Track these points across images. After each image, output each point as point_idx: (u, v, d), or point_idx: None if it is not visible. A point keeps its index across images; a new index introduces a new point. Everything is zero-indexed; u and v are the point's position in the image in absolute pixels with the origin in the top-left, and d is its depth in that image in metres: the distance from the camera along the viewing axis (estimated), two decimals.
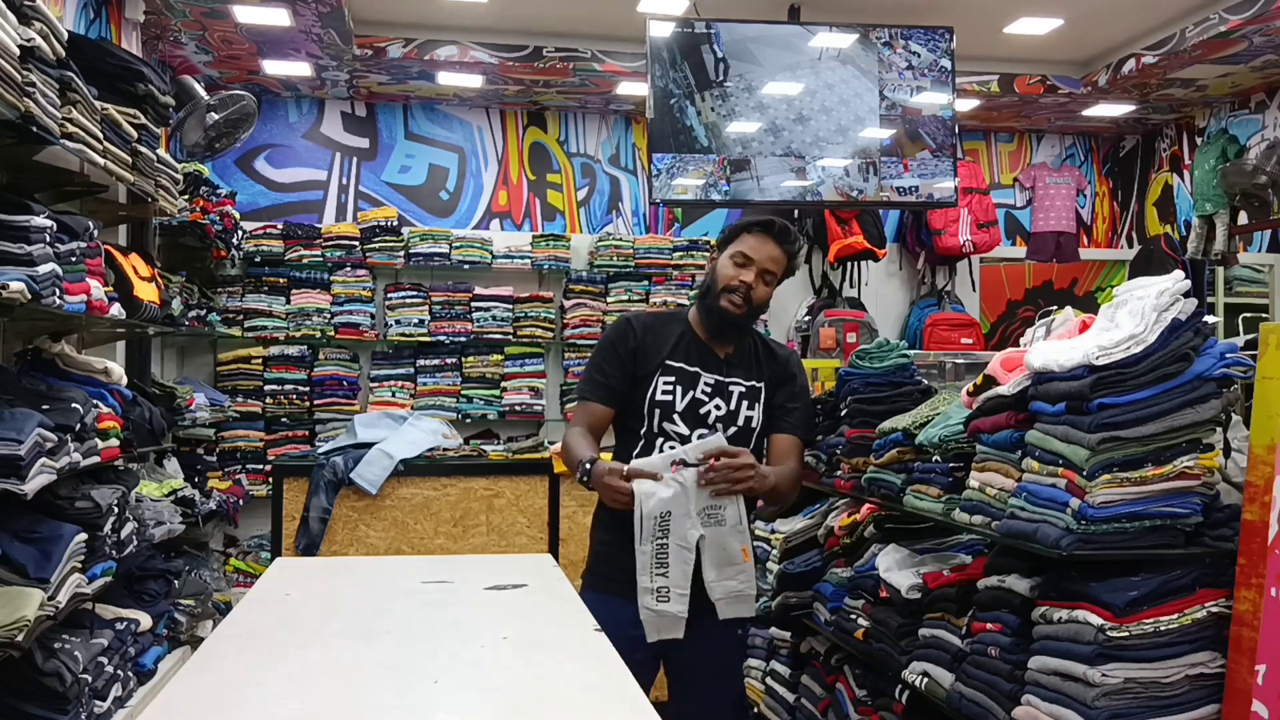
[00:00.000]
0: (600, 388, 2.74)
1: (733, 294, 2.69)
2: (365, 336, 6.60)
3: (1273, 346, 2.00)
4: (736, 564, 2.55)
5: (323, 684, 1.67)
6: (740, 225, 2.77)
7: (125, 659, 3.61)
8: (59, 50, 3.12)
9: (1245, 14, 5.36)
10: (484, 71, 6.35)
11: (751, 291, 2.69)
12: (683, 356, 2.73)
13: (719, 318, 2.72)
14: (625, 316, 2.85)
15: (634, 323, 2.80)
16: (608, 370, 2.74)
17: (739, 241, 2.73)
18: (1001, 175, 7.89)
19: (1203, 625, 2.01)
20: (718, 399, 2.72)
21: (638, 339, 2.75)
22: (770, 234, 2.71)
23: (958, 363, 4.78)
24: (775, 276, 2.74)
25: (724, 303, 2.70)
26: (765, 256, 2.70)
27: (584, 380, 2.81)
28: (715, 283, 2.72)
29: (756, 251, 2.70)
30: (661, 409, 2.69)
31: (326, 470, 4.23)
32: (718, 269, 2.74)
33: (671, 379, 2.71)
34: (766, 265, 2.70)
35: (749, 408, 2.74)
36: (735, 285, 2.69)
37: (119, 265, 4.02)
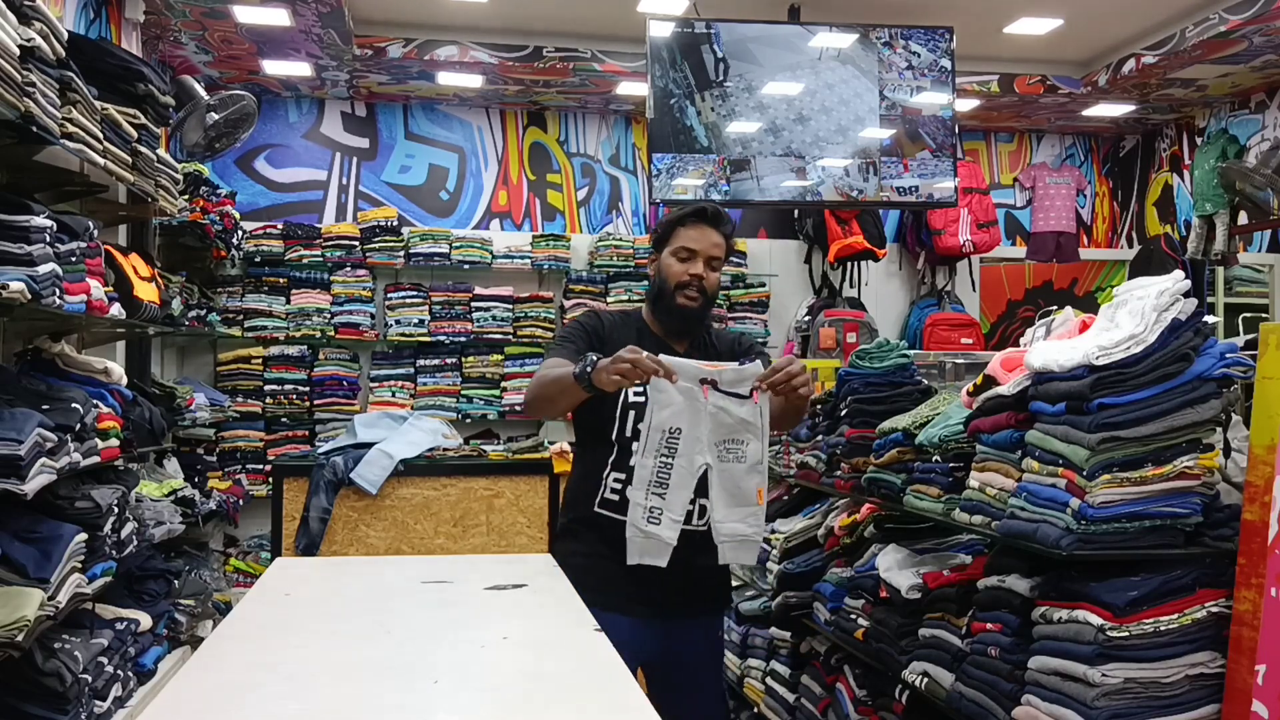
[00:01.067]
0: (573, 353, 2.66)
1: (687, 289, 2.69)
2: (365, 336, 6.60)
3: (1273, 346, 2.00)
4: (749, 505, 2.45)
5: (323, 684, 1.67)
6: (673, 220, 2.75)
7: (125, 659, 3.61)
8: (59, 50, 3.12)
9: (1245, 14, 5.36)
10: (484, 71, 6.35)
11: (704, 282, 2.69)
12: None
13: (680, 316, 2.71)
14: (591, 310, 2.85)
15: (601, 317, 2.79)
16: (581, 345, 2.69)
17: (677, 237, 2.71)
18: (1001, 175, 7.89)
19: (1203, 625, 2.01)
20: None
21: (605, 330, 2.75)
22: (705, 221, 2.70)
23: (958, 363, 4.78)
24: (720, 261, 2.74)
25: (681, 300, 2.69)
26: (707, 245, 2.70)
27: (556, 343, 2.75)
28: (666, 283, 2.71)
29: (698, 242, 2.69)
30: (635, 410, 2.62)
31: (326, 470, 4.22)
32: (664, 268, 2.73)
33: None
34: (710, 253, 2.70)
35: None
36: (687, 280, 2.68)
37: (119, 265, 4.02)
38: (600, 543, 2.63)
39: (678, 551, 2.50)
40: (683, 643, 2.67)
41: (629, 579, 2.51)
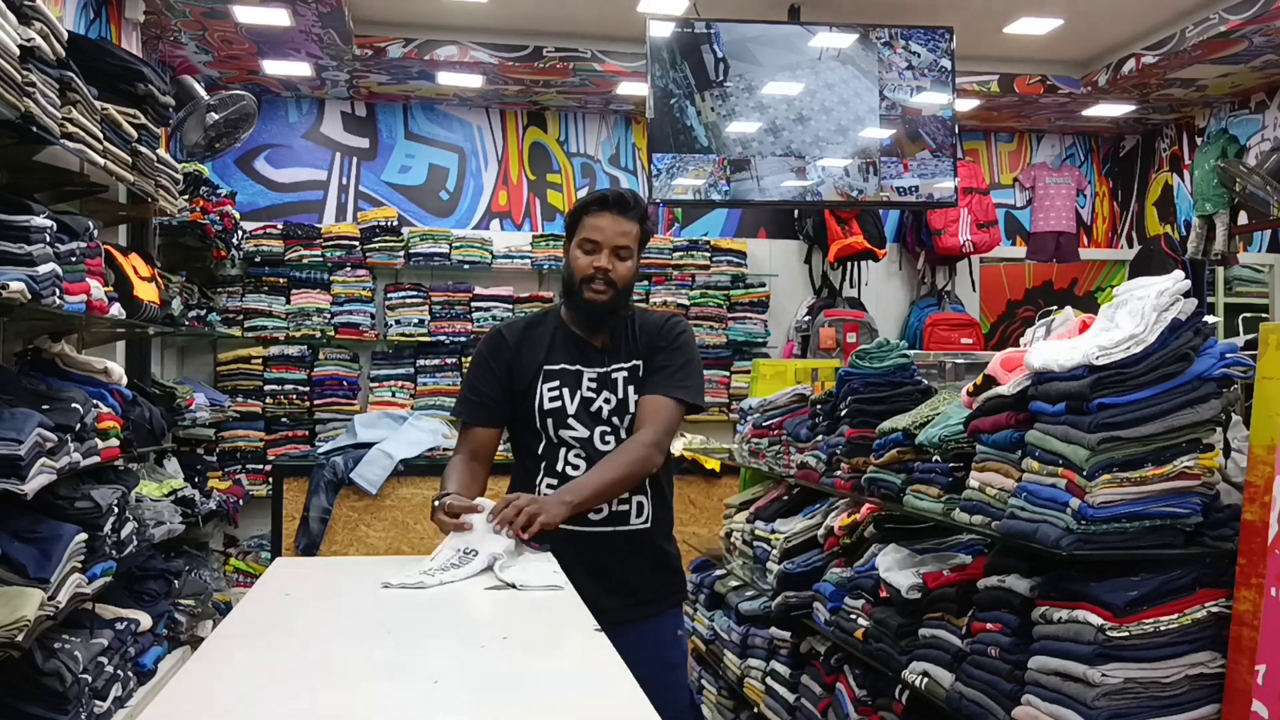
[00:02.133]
0: (477, 408, 2.60)
1: (592, 283, 2.53)
2: (365, 336, 6.60)
3: (1273, 346, 2.00)
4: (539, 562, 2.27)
5: (323, 684, 1.67)
6: (578, 208, 2.59)
7: (125, 659, 3.61)
8: (59, 50, 3.12)
9: (1245, 14, 5.36)
10: (484, 71, 6.35)
11: (611, 274, 2.53)
12: (561, 356, 2.60)
13: (588, 311, 2.57)
14: (496, 327, 2.71)
15: (505, 333, 2.65)
16: (482, 389, 2.59)
17: (582, 227, 2.55)
18: (1001, 175, 7.89)
19: (1203, 625, 2.01)
20: (605, 392, 2.59)
21: (511, 350, 2.61)
22: (608, 209, 2.54)
23: (958, 363, 4.77)
24: (631, 250, 2.56)
25: (588, 295, 2.54)
26: (613, 234, 2.53)
27: (460, 402, 2.66)
28: (573, 276, 2.56)
29: (602, 232, 2.53)
30: (554, 417, 2.56)
31: (326, 470, 4.23)
32: (570, 262, 2.57)
33: (555, 383, 2.58)
34: (617, 242, 2.53)
35: (634, 390, 2.61)
36: (591, 273, 2.53)
37: (119, 265, 4.02)
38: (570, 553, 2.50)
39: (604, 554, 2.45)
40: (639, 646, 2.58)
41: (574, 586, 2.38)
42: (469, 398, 2.64)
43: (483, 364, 2.63)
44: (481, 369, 2.63)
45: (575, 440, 2.57)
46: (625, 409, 2.60)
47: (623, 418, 2.59)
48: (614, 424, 2.58)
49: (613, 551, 2.56)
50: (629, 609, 2.57)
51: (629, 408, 2.60)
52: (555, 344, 2.63)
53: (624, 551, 2.58)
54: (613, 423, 2.58)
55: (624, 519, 2.59)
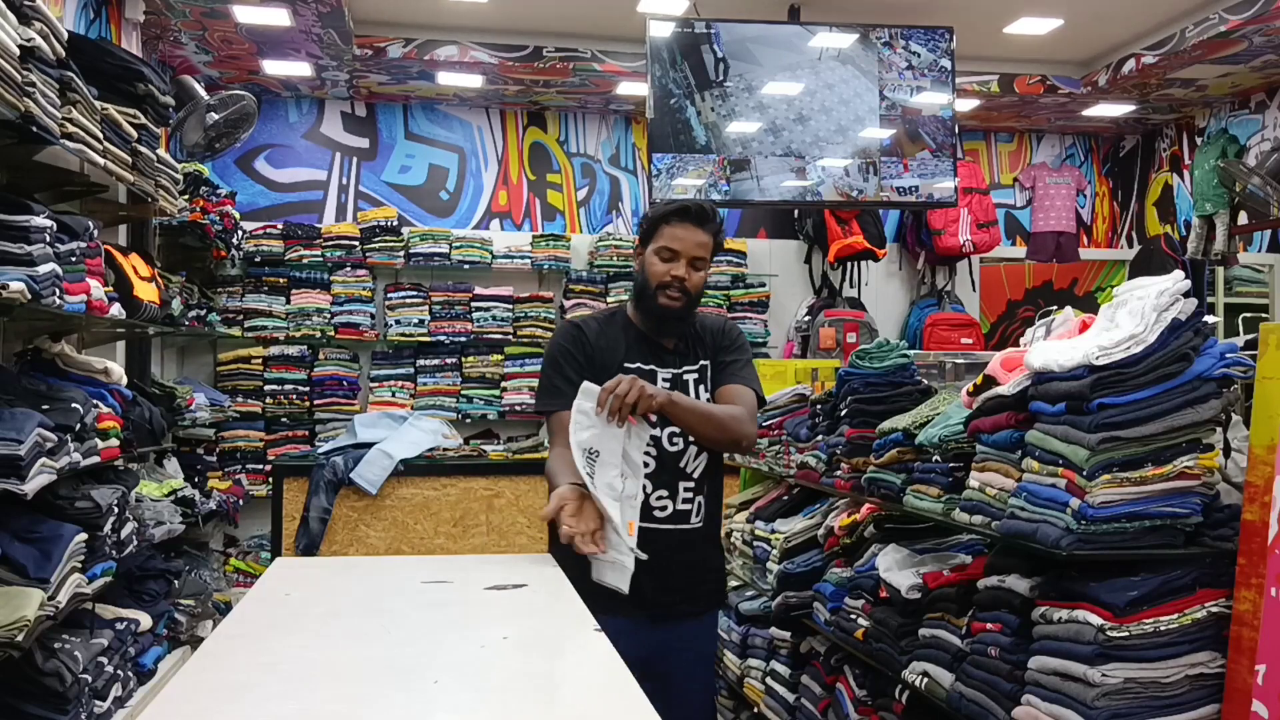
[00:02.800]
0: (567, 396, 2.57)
1: (668, 290, 2.60)
2: (365, 336, 6.60)
3: (1273, 346, 2.00)
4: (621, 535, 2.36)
5: (323, 684, 1.67)
6: (658, 216, 2.65)
7: (125, 659, 3.61)
8: (59, 50, 3.12)
9: (1245, 14, 5.36)
10: (484, 71, 6.35)
11: (686, 283, 2.60)
12: (636, 356, 2.66)
13: (659, 316, 2.64)
14: (573, 321, 2.74)
15: (584, 328, 2.70)
16: (573, 376, 2.60)
17: (660, 235, 2.62)
18: (1001, 175, 7.89)
19: (1203, 625, 2.01)
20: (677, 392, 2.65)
21: (591, 344, 2.66)
22: (690, 220, 2.60)
23: (958, 363, 4.78)
24: (705, 261, 2.64)
25: (663, 300, 2.61)
26: (691, 244, 2.60)
27: (544, 390, 2.66)
28: (648, 282, 2.63)
29: (681, 242, 2.59)
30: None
31: (326, 470, 4.23)
32: (647, 267, 2.63)
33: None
34: (694, 253, 2.60)
35: (704, 390, 2.70)
36: (669, 281, 2.60)
37: (119, 265, 4.02)
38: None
39: (664, 551, 2.49)
40: (675, 642, 2.65)
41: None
42: (558, 387, 2.61)
43: (567, 355, 2.66)
44: (566, 359, 2.65)
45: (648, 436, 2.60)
46: None
47: None
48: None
49: (673, 548, 2.61)
50: (681, 605, 2.66)
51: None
52: (630, 343, 2.68)
53: (682, 549, 2.63)
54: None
55: (685, 518, 2.65)
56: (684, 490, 2.65)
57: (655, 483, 2.61)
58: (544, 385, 2.69)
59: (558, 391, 2.61)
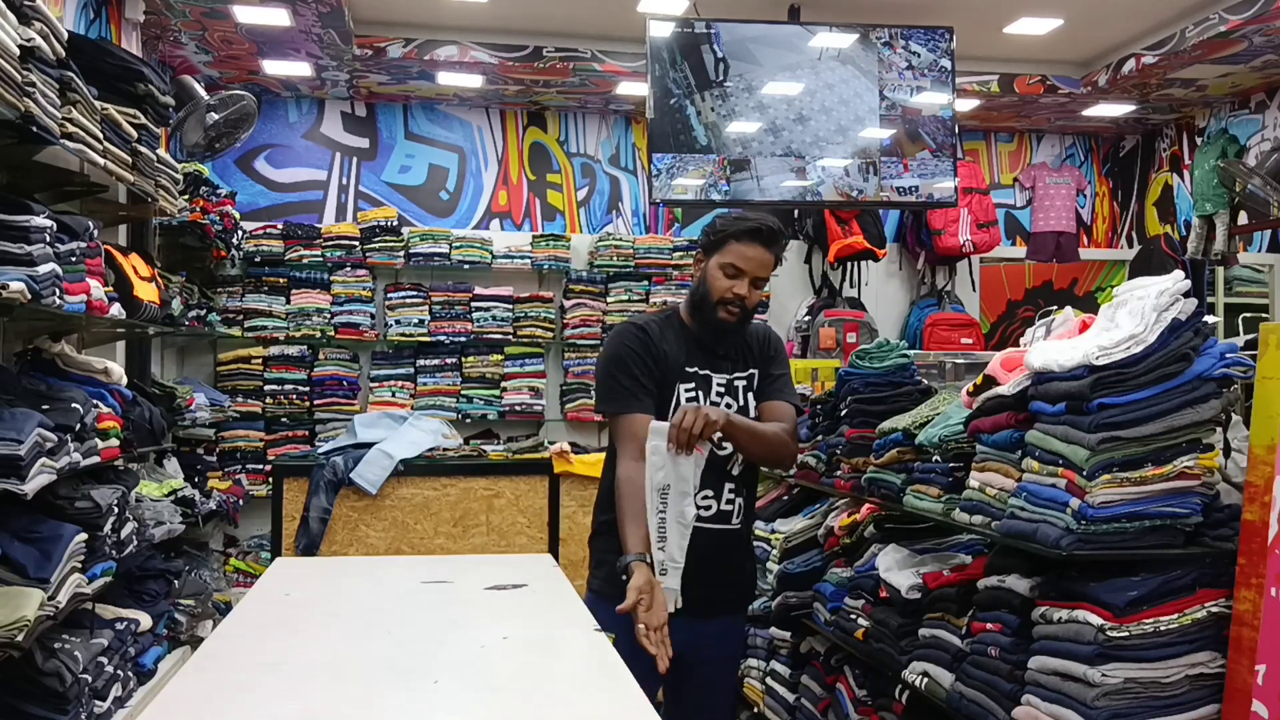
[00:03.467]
0: (637, 397, 2.61)
1: (729, 305, 2.64)
2: (365, 336, 6.60)
3: (1273, 346, 2.00)
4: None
5: (323, 684, 1.67)
6: (728, 233, 2.66)
7: (125, 659, 3.61)
8: (59, 50, 3.12)
9: (1245, 14, 5.36)
10: (484, 71, 6.35)
11: (746, 300, 2.65)
12: (696, 360, 2.69)
13: (716, 329, 2.67)
14: (634, 323, 2.74)
15: (648, 329, 2.70)
16: (641, 377, 2.61)
17: (728, 251, 2.64)
18: (1001, 175, 7.89)
19: (1203, 625, 2.01)
20: (729, 398, 2.70)
21: (656, 345, 2.67)
22: (760, 241, 2.63)
23: (958, 363, 4.78)
24: (765, 280, 2.69)
25: (721, 315, 2.64)
26: (757, 265, 2.63)
27: (612, 392, 2.64)
28: (709, 294, 2.65)
29: (748, 262, 2.62)
30: None
31: (326, 470, 4.23)
32: (709, 279, 2.66)
33: (691, 384, 2.67)
34: (758, 273, 2.64)
35: (753, 400, 2.73)
36: (730, 298, 2.63)
37: (119, 265, 4.02)
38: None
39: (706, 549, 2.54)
40: (706, 641, 2.68)
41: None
42: (625, 388, 2.62)
43: (633, 356, 2.65)
44: (633, 360, 2.64)
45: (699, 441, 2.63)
46: (745, 414, 2.69)
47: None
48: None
49: (715, 547, 2.63)
50: (717, 603, 2.69)
51: (749, 413, 2.70)
52: (690, 347, 2.70)
53: (723, 548, 2.66)
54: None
55: (728, 518, 2.68)
56: (727, 491, 2.67)
57: (701, 483, 2.60)
58: (610, 387, 2.65)
59: (627, 394, 2.61)
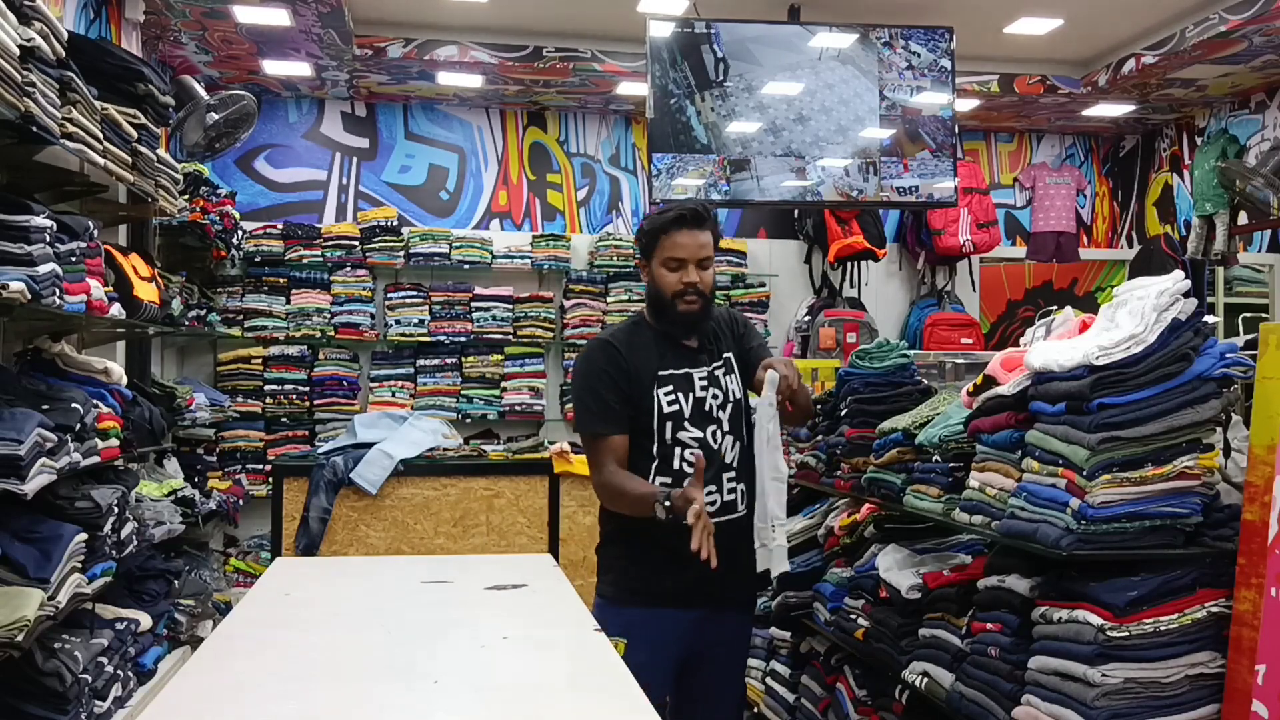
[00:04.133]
0: (611, 419, 2.63)
1: (685, 296, 2.64)
2: (365, 336, 6.60)
3: (1273, 346, 2.00)
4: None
5: (323, 684, 1.67)
6: (656, 228, 2.66)
7: (125, 659, 3.61)
8: (59, 50, 3.12)
9: (1245, 14, 5.36)
10: (484, 71, 6.35)
11: (699, 285, 2.64)
12: (670, 362, 2.69)
13: (684, 323, 2.68)
14: (601, 340, 2.74)
15: (614, 343, 2.70)
16: (610, 398, 2.64)
17: (662, 247, 2.65)
18: (1001, 175, 7.89)
19: (1203, 625, 2.01)
20: (713, 389, 2.70)
21: (625, 358, 2.67)
22: (688, 225, 2.63)
23: (958, 363, 4.79)
24: (711, 259, 2.68)
25: (682, 308, 2.65)
26: (695, 248, 2.63)
27: (587, 415, 2.68)
28: (662, 293, 2.66)
29: (685, 248, 2.63)
30: (672, 420, 2.65)
31: (326, 470, 4.23)
32: (657, 280, 2.66)
33: (669, 387, 2.66)
34: (700, 255, 2.64)
35: (734, 381, 2.75)
36: (682, 289, 2.63)
37: (119, 265, 4.02)
38: (652, 546, 2.62)
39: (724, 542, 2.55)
40: (717, 639, 2.71)
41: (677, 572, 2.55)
42: (600, 409, 2.65)
43: (603, 375, 2.66)
44: (603, 380, 2.66)
45: (691, 441, 2.65)
46: (729, 400, 2.72)
47: (730, 408, 2.71)
48: (719, 416, 2.69)
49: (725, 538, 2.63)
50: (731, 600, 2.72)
51: (731, 399, 2.72)
52: (662, 350, 2.70)
53: (733, 538, 2.66)
54: (718, 417, 2.69)
55: (733, 507, 2.70)
56: (727, 481, 2.69)
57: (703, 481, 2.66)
58: (587, 408, 2.68)
59: (600, 414, 2.64)
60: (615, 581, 2.70)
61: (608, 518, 2.77)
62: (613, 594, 2.69)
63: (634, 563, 2.65)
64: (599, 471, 2.65)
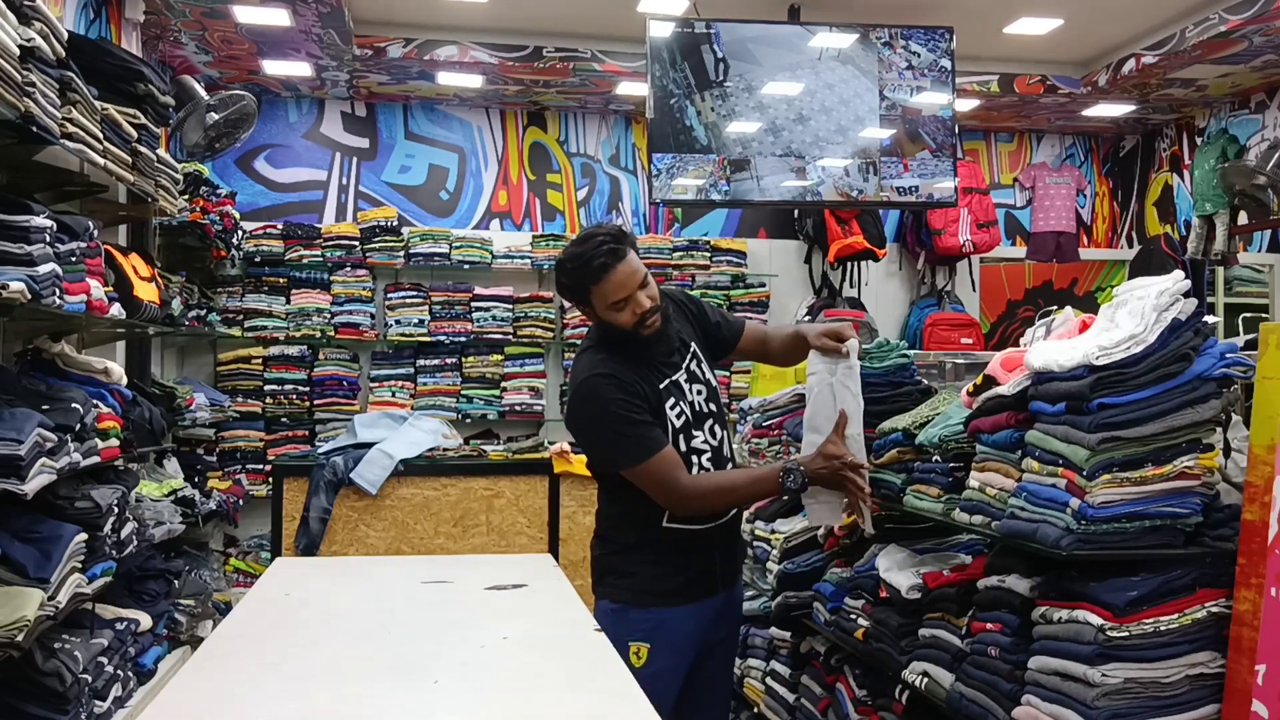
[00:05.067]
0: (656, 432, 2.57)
1: (643, 324, 2.58)
2: (365, 336, 6.60)
3: (1273, 346, 2.00)
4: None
5: (323, 684, 1.67)
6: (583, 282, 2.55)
7: (125, 659, 3.61)
8: (59, 50, 3.12)
9: (1245, 14, 5.36)
10: (484, 71, 6.35)
11: (651, 306, 2.57)
12: (659, 376, 2.66)
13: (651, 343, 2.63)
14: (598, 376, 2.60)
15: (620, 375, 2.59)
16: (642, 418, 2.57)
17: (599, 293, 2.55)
18: (1001, 175, 7.89)
19: (1203, 625, 2.01)
20: (696, 385, 2.73)
21: (633, 384, 2.60)
22: (615, 261, 2.52)
23: (958, 363, 4.78)
24: (647, 273, 2.60)
25: (646, 333, 2.60)
26: (630, 278, 2.54)
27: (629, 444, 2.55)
28: (620, 330, 2.58)
29: (622, 287, 2.53)
30: (684, 432, 2.67)
31: (326, 470, 4.23)
32: (609, 321, 2.59)
33: (673, 399, 2.67)
34: (637, 281, 2.55)
35: (706, 369, 2.78)
36: (638, 318, 2.56)
37: (119, 265, 4.02)
38: (672, 552, 2.65)
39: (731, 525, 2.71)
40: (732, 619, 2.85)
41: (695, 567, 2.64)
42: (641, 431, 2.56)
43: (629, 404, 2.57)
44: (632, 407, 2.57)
45: (703, 448, 2.69)
46: (711, 390, 2.77)
47: (713, 400, 2.76)
48: (711, 409, 2.74)
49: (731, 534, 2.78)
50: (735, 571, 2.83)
51: (713, 386, 2.78)
52: (651, 367, 2.66)
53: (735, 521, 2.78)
54: (710, 409, 2.74)
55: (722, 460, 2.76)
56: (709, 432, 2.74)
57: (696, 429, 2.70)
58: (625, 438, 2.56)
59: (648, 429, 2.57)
60: (635, 586, 2.64)
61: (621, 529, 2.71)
62: (631, 599, 2.63)
63: (658, 564, 2.65)
64: (678, 485, 2.54)
